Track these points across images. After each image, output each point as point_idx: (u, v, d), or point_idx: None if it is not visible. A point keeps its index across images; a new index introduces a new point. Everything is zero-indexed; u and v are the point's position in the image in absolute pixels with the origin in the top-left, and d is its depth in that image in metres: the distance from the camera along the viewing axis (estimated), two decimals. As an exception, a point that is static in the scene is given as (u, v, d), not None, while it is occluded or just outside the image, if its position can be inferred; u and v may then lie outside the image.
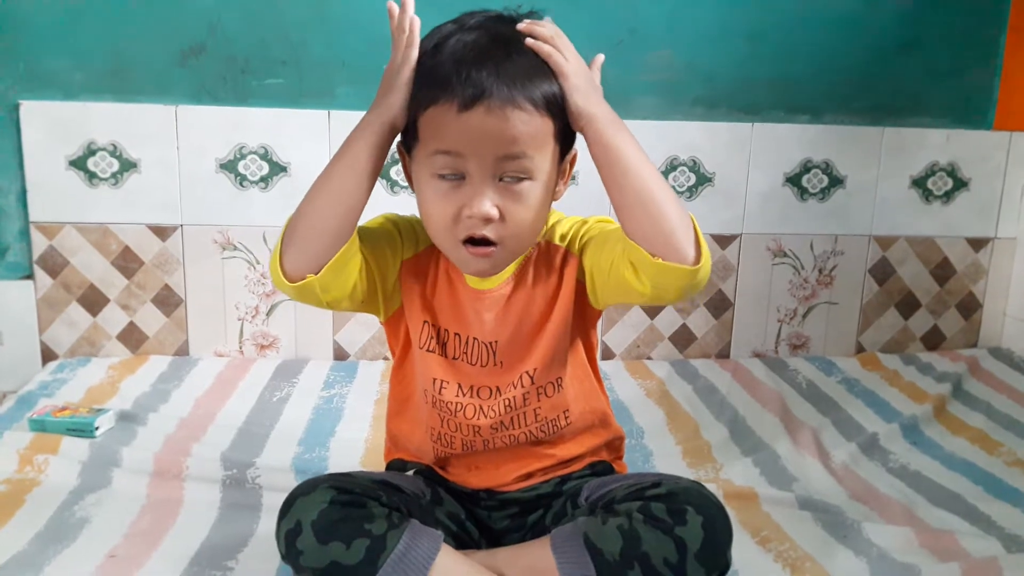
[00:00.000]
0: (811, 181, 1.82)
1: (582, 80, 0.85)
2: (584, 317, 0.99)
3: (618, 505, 0.87)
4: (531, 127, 0.83)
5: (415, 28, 0.86)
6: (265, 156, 1.68)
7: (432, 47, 0.86)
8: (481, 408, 0.96)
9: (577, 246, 0.95)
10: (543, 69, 0.84)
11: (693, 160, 1.77)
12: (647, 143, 0.86)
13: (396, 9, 0.87)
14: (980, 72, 1.85)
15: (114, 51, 1.62)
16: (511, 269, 0.95)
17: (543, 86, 0.84)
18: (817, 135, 1.80)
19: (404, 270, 0.96)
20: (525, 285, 0.95)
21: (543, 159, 0.86)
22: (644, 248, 0.81)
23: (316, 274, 0.84)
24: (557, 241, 0.97)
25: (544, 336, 0.95)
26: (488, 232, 0.85)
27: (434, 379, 0.96)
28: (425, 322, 0.96)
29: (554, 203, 0.94)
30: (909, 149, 1.84)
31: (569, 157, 0.93)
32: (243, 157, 1.67)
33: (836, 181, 1.83)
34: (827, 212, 1.84)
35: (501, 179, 0.85)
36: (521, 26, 0.85)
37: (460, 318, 0.96)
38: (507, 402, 0.96)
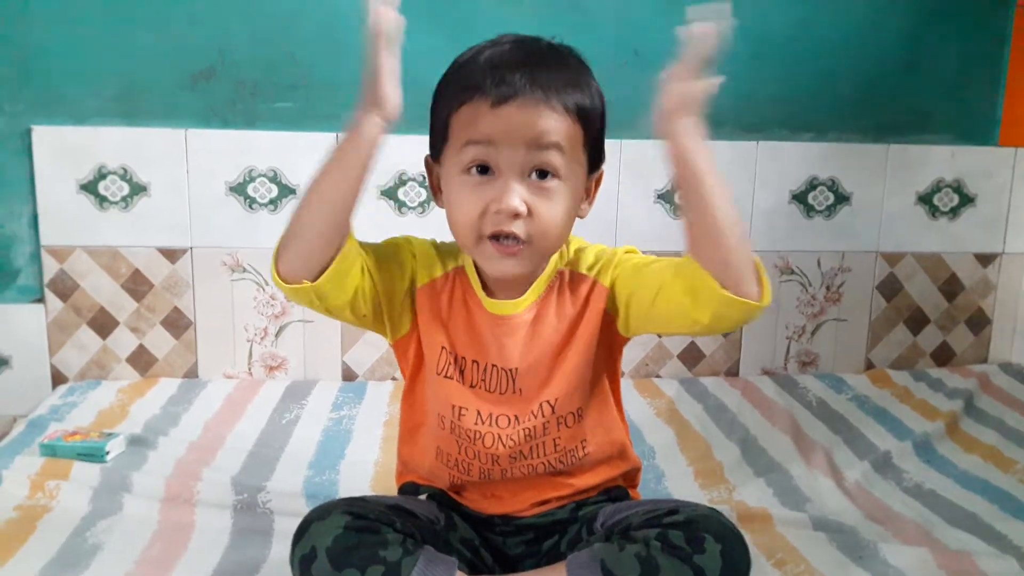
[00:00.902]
0: (817, 198, 1.82)
1: (678, 97, 0.78)
2: (609, 347, 0.98)
3: (635, 532, 0.87)
4: (561, 126, 0.85)
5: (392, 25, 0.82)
6: (274, 179, 1.69)
7: (469, 56, 0.89)
8: (500, 437, 0.95)
9: (609, 277, 0.94)
10: (576, 81, 0.87)
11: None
12: (652, 163, 0.86)
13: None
14: (984, 89, 1.85)
15: (124, 76, 1.64)
16: (532, 296, 0.95)
17: (575, 95, 0.86)
18: (822, 153, 1.81)
19: (421, 295, 0.96)
20: (547, 312, 0.95)
21: (572, 162, 0.87)
22: (715, 277, 0.80)
23: (313, 281, 0.84)
24: (583, 270, 0.96)
25: (565, 365, 0.94)
26: (516, 228, 0.85)
27: (453, 405, 0.96)
28: (443, 348, 0.95)
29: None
30: (914, 166, 1.85)
31: (595, 176, 0.93)
32: (252, 180, 1.68)
33: (842, 198, 1.83)
34: (834, 229, 1.84)
35: (530, 175, 0.86)
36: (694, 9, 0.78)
37: (479, 345, 0.95)
38: (527, 431, 0.95)
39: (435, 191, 0.95)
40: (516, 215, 0.85)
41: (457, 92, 0.87)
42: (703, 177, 0.78)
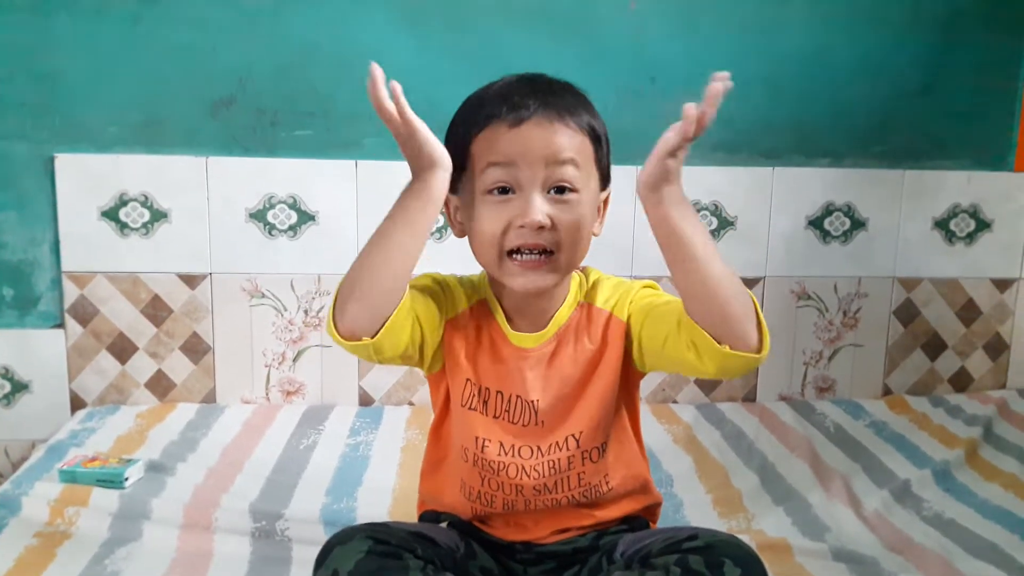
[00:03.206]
0: (833, 224, 1.82)
1: (661, 168, 0.79)
2: (628, 379, 0.99)
3: (655, 559, 0.86)
4: (575, 142, 0.89)
5: (398, 95, 0.83)
6: (294, 205, 1.70)
7: (477, 95, 0.93)
8: (524, 468, 0.96)
9: (625, 312, 0.95)
10: (585, 105, 0.92)
11: (715, 204, 1.78)
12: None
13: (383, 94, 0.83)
14: (1000, 114, 1.86)
15: (146, 104, 1.66)
16: (553, 328, 0.96)
17: (585, 116, 0.91)
18: (838, 178, 1.81)
19: (448, 329, 0.97)
20: (567, 346, 0.96)
21: (587, 177, 0.91)
22: (709, 334, 0.81)
23: (372, 337, 0.85)
24: (600, 304, 0.97)
25: (588, 399, 0.95)
26: (542, 240, 0.88)
27: (476, 437, 0.96)
28: (468, 380, 0.97)
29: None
30: (930, 191, 1.84)
31: (604, 195, 0.96)
32: (272, 207, 1.70)
33: (858, 224, 1.83)
34: (850, 254, 1.84)
35: (549, 191, 0.89)
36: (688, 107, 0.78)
37: (503, 377, 0.96)
38: (551, 464, 0.96)
39: (452, 223, 0.97)
40: (540, 228, 0.88)
41: (473, 122, 0.90)
42: (688, 240, 0.80)
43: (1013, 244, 1.88)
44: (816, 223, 1.82)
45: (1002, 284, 1.90)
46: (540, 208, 0.87)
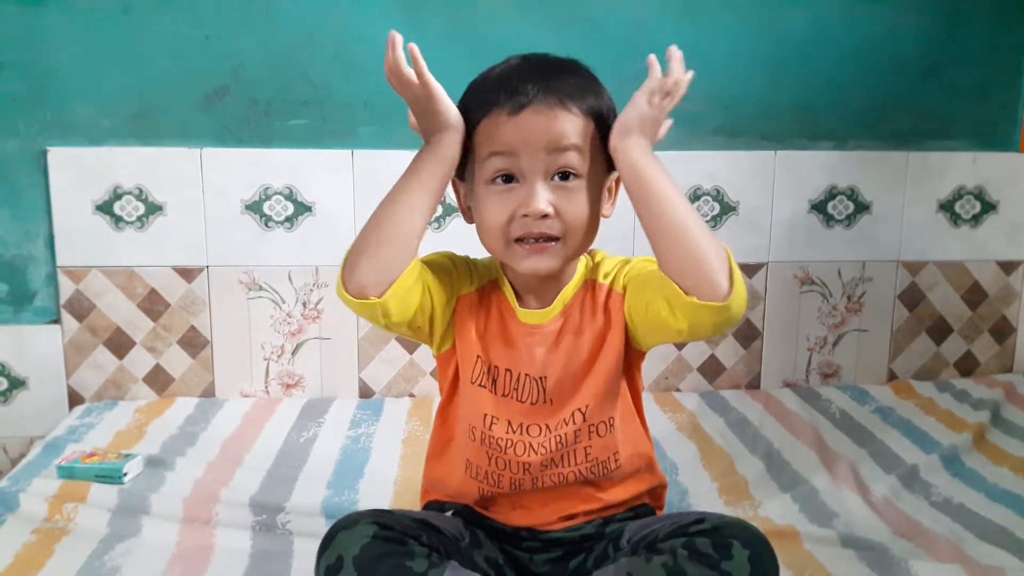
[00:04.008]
0: (836, 208, 1.80)
1: (636, 116, 0.87)
2: (628, 359, 0.98)
3: (661, 544, 0.86)
4: (578, 127, 0.88)
5: (417, 57, 0.87)
6: (290, 196, 1.68)
7: (479, 80, 0.92)
8: (531, 445, 0.96)
9: (621, 284, 0.96)
10: (587, 86, 0.90)
11: (717, 189, 1.76)
12: (670, 173, 0.87)
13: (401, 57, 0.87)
14: (1005, 94, 1.83)
15: (139, 96, 1.64)
16: (560, 304, 0.96)
17: (588, 99, 0.89)
18: (841, 161, 1.79)
19: (459, 306, 0.97)
20: (574, 321, 0.96)
21: (591, 161, 0.90)
22: (677, 283, 0.82)
23: (380, 297, 0.86)
24: (601, 279, 0.98)
25: (594, 373, 0.95)
26: (547, 229, 0.89)
27: (484, 415, 0.96)
28: (478, 357, 0.97)
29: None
30: (935, 173, 1.82)
31: (615, 176, 0.95)
32: (268, 198, 1.68)
33: (862, 207, 1.81)
34: (854, 238, 1.82)
35: (552, 178, 0.89)
36: (650, 57, 0.88)
37: (511, 354, 0.96)
38: (559, 438, 0.95)
39: (462, 210, 0.98)
40: (544, 216, 0.88)
41: (474, 109, 0.90)
42: (651, 185, 0.84)
43: (1019, 226, 1.86)
44: (819, 207, 1.80)
45: (1008, 266, 1.88)
46: (543, 197, 0.88)
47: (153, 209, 1.66)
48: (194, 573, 1.09)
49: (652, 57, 0.88)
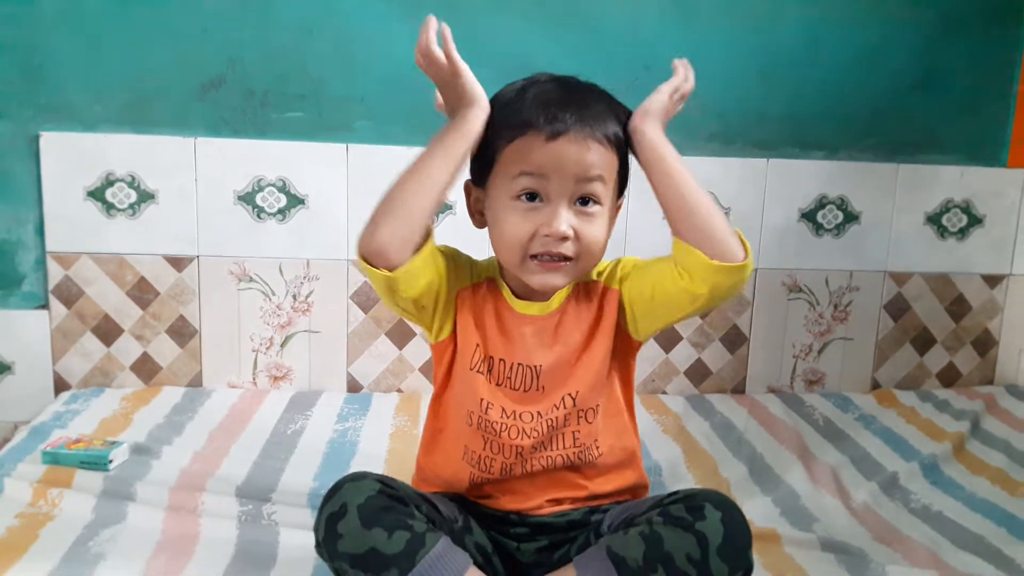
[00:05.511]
0: (826, 217, 1.82)
1: (659, 104, 0.97)
2: (623, 352, 1.03)
3: (639, 518, 0.90)
4: (605, 158, 0.95)
5: (447, 38, 0.94)
6: (283, 188, 1.68)
7: (515, 94, 0.97)
8: (523, 430, 1.00)
9: (617, 280, 1.02)
10: (611, 114, 0.96)
11: (709, 195, 1.77)
12: None
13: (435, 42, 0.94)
14: (995, 109, 1.86)
15: (134, 83, 1.64)
16: (556, 302, 1.01)
17: (612, 127, 0.96)
18: (832, 171, 1.81)
19: (461, 296, 1.02)
20: (569, 315, 1.01)
21: (609, 190, 0.97)
22: (700, 249, 0.89)
23: (397, 265, 0.91)
24: (594, 277, 1.04)
25: (585, 362, 1.00)
26: (564, 249, 0.94)
27: (481, 399, 1.00)
28: (477, 344, 1.01)
29: None
30: (924, 185, 1.84)
31: (619, 201, 1.01)
32: (261, 189, 1.68)
33: (851, 217, 1.83)
34: (842, 248, 1.84)
35: (575, 203, 0.94)
36: (676, 61, 1.01)
37: (507, 343, 1.01)
38: (550, 422, 1.00)
39: (472, 213, 1.03)
40: (564, 238, 0.94)
41: (510, 127, 0.94)
42: (671, 162, 0.93)
43: (1004, 240, 1.89)
44: (809, 215, 1.82)
45: (992, 280, 1.91)
46: (566, 220, 0.93)
47: (145, 197, 1.66)
48: (179, 561, 1.08)
49: (683, 60, 1.01)
